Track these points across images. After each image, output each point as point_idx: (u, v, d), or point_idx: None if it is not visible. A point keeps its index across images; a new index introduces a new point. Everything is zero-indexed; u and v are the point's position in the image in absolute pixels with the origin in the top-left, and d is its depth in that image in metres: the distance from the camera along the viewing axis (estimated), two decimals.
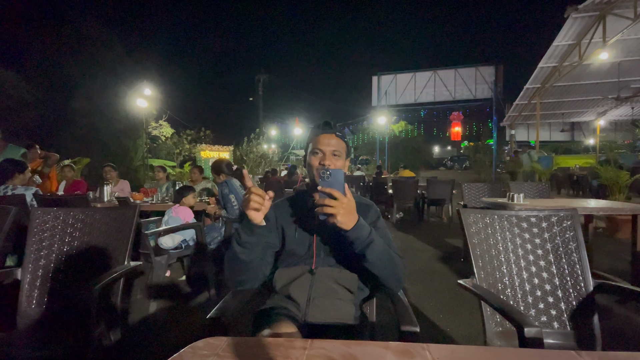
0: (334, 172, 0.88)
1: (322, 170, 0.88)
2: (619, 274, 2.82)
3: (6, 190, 2.72)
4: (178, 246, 2.68)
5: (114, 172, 4.34)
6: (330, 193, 0.86)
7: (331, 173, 0.88)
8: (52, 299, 1.45)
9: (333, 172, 0.88)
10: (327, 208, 0.86)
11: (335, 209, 0.86)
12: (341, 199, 0.86)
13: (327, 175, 0.88)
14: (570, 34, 8.00)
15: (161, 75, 14.33)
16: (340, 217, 0.86)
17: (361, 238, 0.91)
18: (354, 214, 0.90)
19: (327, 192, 0.86)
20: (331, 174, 0.88)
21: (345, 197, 0.87)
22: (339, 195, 0.86)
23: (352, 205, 0.89)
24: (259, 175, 11.35)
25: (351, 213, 0.89)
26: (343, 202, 0.86)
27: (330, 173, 0.88)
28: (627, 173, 5.20)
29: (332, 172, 0.88)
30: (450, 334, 2.09)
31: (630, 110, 13.09)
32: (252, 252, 0.97)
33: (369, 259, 0.93)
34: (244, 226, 0.95)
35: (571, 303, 1.26)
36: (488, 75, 17.47)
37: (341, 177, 0.89)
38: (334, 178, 0.88)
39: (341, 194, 0.87)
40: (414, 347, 0.59)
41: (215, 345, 0.60)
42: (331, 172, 0.88)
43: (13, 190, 2.73)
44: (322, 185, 0.88)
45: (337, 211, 0.86)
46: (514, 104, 12.77)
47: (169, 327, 2.19)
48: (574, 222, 1.35)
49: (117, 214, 1.61)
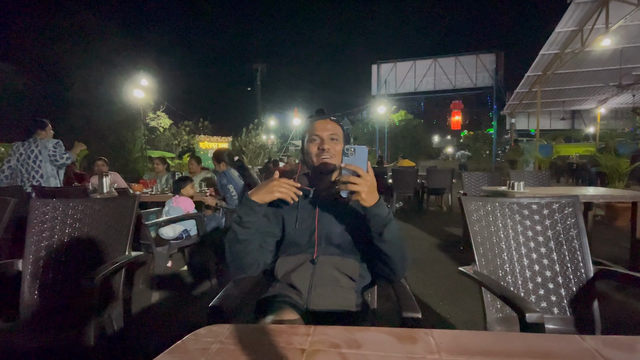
0: (358, 148, 0.87)
1: (346, 147, 0.87)
2: (617, 261, 2.84)
3: (30, 143, 3.26)
4: (179, 236, 2.69)
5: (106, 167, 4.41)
6: (355, 170, 0.85)
7: (355, 149, 0.86)
8: (54, 289, 1.45)
9: (357, 149, 0.87)
10: (351, 185, 0.85)
11: (359, 186, 0.85)
12: (365, 176, 0.85)
13: (351, 152, 0.86)
14: (573, 20, 7.87)
15: (158, 65, 14.18)
16: (364, 194, 0.86)
17: (381, 215, 0.91)
18: (375, 192, 0.90)
19: (352, 169, 0.85)
20: (355, 150, 0.86)
21: (369, 175, 0.86)
22: (363, 173, 0.85)
23: (374, 183, 0.88)
24: (259, 166, 11.33)
25: (374, 191, 0.89)
26: (367, 179, 0.86)
27: (355, 149, 0.86)
28: (627, 161, 5.19)
29: (356, 148, 0.87)
30: (450, 320, 2.12)
31: (631, 98, 12.97)
32: (251, 232, 0.98)
33: (386, 238, 0.93)
34: (244, 206, 0.96)
35: (571, 289, 1.26)
36: (489, 63, 17.31)
37: (365, 155, 0.87)
38: (358, 155, 0.86)
39: (365, 172, 0.86)
40: (418, 333, 0.59)
41: (218, 333, 0.60)
42: (355, 149, 0.87)
43: (36, 143, 3.25)
44: (346, 162, 0.86)
45: (361, 188, 0.85)
46: (514, 92, 12.66)
47: (172, 316, 2.21)
48: (575, 209, 1.34)
49: (116, 204, 1.60)
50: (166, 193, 3.56)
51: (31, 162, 3.23)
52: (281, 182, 0.94)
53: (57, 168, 3.39)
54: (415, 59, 18.43)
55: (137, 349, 1.73)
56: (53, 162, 3.31)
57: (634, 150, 9.22)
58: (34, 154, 3.23)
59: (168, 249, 2.55)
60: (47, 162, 3.28)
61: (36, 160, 3.24)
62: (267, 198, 0.94)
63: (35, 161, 3.24)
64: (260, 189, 0.95)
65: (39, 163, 3.25)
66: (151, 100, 13.03)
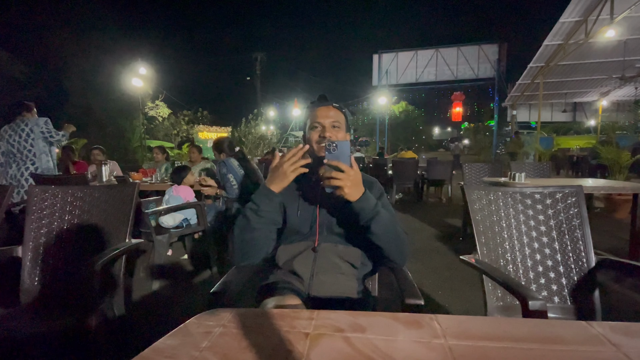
0: (340, 143, 0.87)
1: (327, 142, 0.87)
2: (616, 253, 2.86)
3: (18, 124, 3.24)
4: (179, 225, 2.68)
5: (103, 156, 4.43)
6: (337, 166, 0.85)
7: (337, 145, 0.86)
8: (54, 275, 1.45)
9: (339, 144, 0.87)
10: (333, 181, 0.85)
11: (342, 182, 0.85)
12: (348, 171, 0.86)
13: (333, 147, 0.86)
14: (577, 10, 7.75)
15: (157, 54, 14.03)
16: (347, 189, 0.86)
17: (367, 209, 0.91)
18: (360, 186, 0.90)
19: (334, 164, 0.85)
20: (337, 145, 0.86)
21: (352, 169, 0.86)
22: (345, 168, 0.85)
23: (358, 177, 0.89)
24: (258, 157, 11.30)
25: (358, 185, 0.89)
26: (350, 174, 0.86)
27: (337, 145, 0.86)
28: (628, 153, 5.18)
29: (338, 144, 0.87)
30: (450, 309, 2.13)
31: (633, 91, 12.87)
32: (265, 221, 0.98)
33: (375, 231, 0.93)
34: (261, 196, 0.96)
35: (572, 278, 1.26)
36: (491, 54, 17.13)
37: (347, 149, 0.87)
38: (340, 150, 0.86)
39: (348, 167, 0.86)
40: (423, 318, 0.58)
41: (221, 317, 0.59)
42: (337, 144, 0.87)
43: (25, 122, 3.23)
44: (329, 158, 0.86)
45: (344, 183, 0.85)
46: (516, 84, 12.55)
47: (172, 303, 2.22)
48: (578, 198, 1.33)
49: (116, 192, 1.59)
50: (166, 182, 3.55)
51: (22, 140, 3.23)
52: (290, 162, 0.92)
53: (49, 145, 3.39)
54: (417, 49, 18.21)
55: (138, 334, 1.74)
56: (47, 139, 3.31)
57: (635, 142, 9.19)
58: (25, 132, 3.23)
59: (168, 238, 2.55)
60: (40, 139, 3.29)
61: (28, 138, 3.24)
62: (285, 183, 0.94)
63: (27, 140, 3.24)
64: (275, 177, 0.94)
65: (30, 141, 3.25)
66: (150, 90, 12.89)
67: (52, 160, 3.44)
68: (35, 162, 3.26)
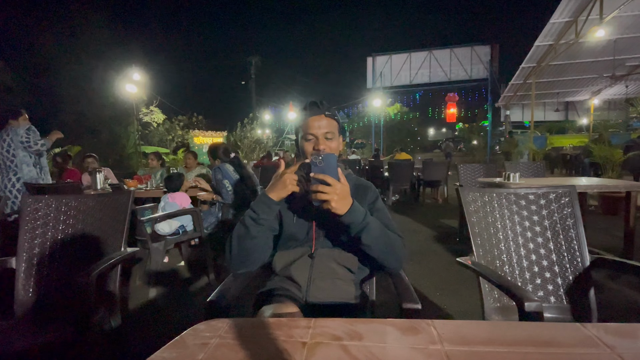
0: (326, 157, 0.87)
1: (314, 156, 0.87)
2: (610, 251, 2.88)
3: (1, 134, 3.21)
4: (175, 232, 2.67)
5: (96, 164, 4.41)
6: (324, 179, 0.85)
7: (323, 158, 0.86)
8: (49, 286, 1.43)
9: (325, 158, 0.86)
10: (320, 194, 0.85)
11: (329, 195, 0.85)
12: (334, 184, 0.86)
13: (319, 161, 0.86)
14: (567, 10, 7.86)
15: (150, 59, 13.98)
16: (334, 203, 0.86)
17: (356, 222, 0.91)
18: (347, 199, 0.90)
19: (320, 178, 0.85)
20: (323, 159, 0.86)
21: (339, 183, 0.87)
22: (332, 182, 0.86)
23: (345, 190, 0.89)
24: (254, 161, 11.27)
25: (345, 198, 0.89)
26: (336, 187, 0.86)
27: (323, 158, 0.86)
28: (620, 151, 5.24)
29: (324, 157, 0.86)
30: (448, 311, 2.14)
31: (624, 89, 13.05)
32: (264, 229, 0.99)
33: (365, 242, 0.94)
34: (260, 204, 0.96)
35: (568, 278, 1.27)
36: (484, 55, 17.29)
37: (334, 162, 0.87)
38: (327, 164, 0.86)
39: (334, 180, 0.86)
40: (419, 324, 0.58)
41: (217, 327, 0.59)
42: (323, 158, 0.86)
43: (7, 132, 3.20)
44: (315, 172, 0.87)
45: (330, 197, 0.85)
46: (509, 84, 12.68)
47: (169, 312, 2.21)
48: (572, 198, 1.35)
49: (111, 200, 1.58)
50: (161, 188, 3.53)
51: (4, 151, 3.20)
52: (292, 176, 0.94)
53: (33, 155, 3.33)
54: (410, 51, 18.34)
55: (135, 345, 1.72)
56: (26, 149, 3.25)
57: (627, 140, 9.32)
58: (7, 142, 3.20)
59: (164, 245, 2.53)
60: (19, 150, 3.24)
61: (9, 149, 3.21)
62: (283, 194, 0.95)
63: (9, 150, 3.21)
64: (276, 185, 0.95)
65: (12, 152, 3.21)
66: (144, 95, 12.83)
67: (36, 170, 3.36)
68: (17, 172, 3.21)
